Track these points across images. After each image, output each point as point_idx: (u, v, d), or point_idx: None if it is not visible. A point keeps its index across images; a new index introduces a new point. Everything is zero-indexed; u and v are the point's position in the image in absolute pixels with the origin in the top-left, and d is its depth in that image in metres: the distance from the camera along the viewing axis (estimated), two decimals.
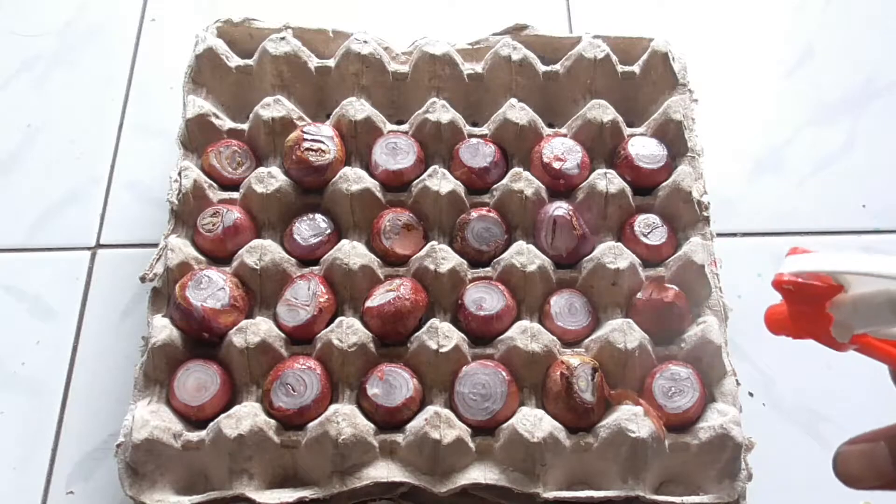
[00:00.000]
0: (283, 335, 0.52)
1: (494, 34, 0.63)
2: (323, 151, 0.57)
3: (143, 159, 0.64)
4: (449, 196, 0.56)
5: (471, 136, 0.60)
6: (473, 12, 0.72)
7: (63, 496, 0.52)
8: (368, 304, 0.52)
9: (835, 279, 0.28)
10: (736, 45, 0.71)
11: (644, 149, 0.58)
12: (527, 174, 0.57)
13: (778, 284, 0.29)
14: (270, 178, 0.56)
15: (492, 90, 0.62)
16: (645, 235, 0.56)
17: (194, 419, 0.50)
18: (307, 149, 0.57)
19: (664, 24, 0.71)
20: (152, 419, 0.48)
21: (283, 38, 0.61)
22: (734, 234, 0.61)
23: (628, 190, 0.57)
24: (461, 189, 0.57)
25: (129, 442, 0.48)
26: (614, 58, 0.61)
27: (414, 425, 0.49)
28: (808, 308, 0.29)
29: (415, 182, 0.57)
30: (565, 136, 0.60)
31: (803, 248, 0.29)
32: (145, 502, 0.47)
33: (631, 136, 0.60)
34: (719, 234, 0.57)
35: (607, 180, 0.56)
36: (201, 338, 0.52)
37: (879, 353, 0.29)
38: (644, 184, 0.58)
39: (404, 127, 0.60)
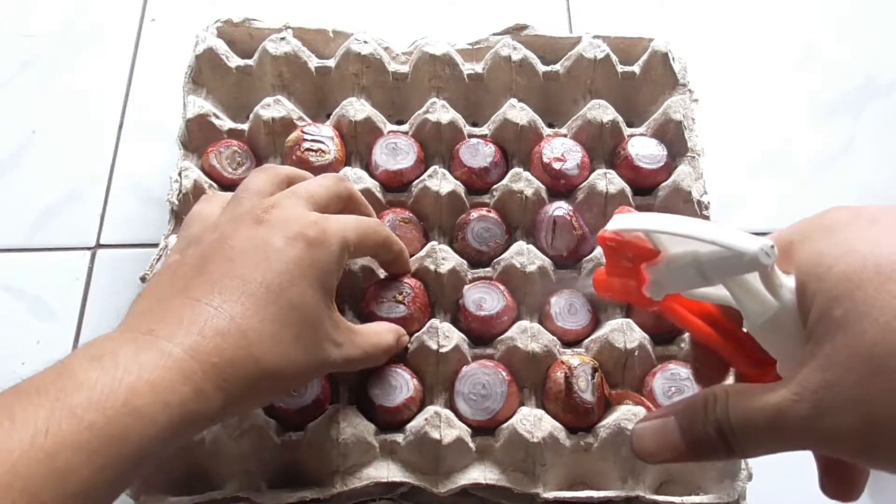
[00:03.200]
0: None
1: (494, 34, 0.63)
2: (323, 152, 0.57)
3: (143, 159, 0.64)
4: (449, 196, 0.56)
5: (471, 136, 0.60)
6: (473, 12, 0.72)
7: None
8: (375, 310, 0.52)
9: (652, 241, 0.29)
10: (736, 44, 0.71)
11: (644, 149, 0.58)
12: (527, 174, 0.57)
13: (601, 240, 0.30)
14: None
15: (492, 90, 0.62)
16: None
17: None
18: (307, 149, 0.57)
19: (664, 24, 0.71)
20: None
21: (283, 38, 0.61)
22: None
23: (628, 190, 0.57)
24: (461, 189, 0.57)
25: None
26: (614, 58, 0.61)
27: (414, 425, 0.49)
28: (626, 266, 0.30)
29: (415, 182, 0.57)
30: (565, 136, 0.60)
31: (629, 208, 0.31)
32: (145, 502, 0.47)
33: (631, 136, 0.60)
34: None
35: (607, 180, 0.56)
36: None
37: (679, 317, 0.31)
38: (644, 184, 0.58)
39: (404, 127, 0.60)
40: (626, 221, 0.30)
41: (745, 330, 0.28)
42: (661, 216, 0.29)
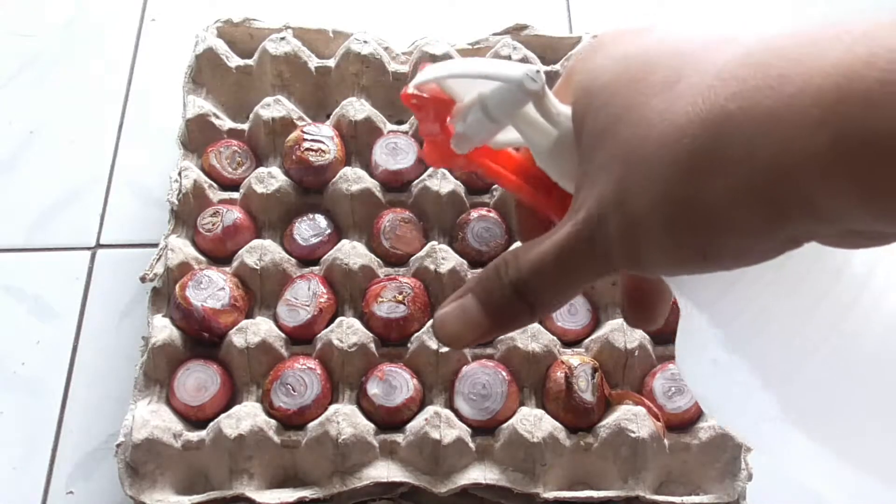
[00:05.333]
0: (283, 335, 0.52)
1: (494, 34, 0.63)
2: (323, 151, 0.57)
3: (143, 159, 0.64)
4: (449, 196, 0.56)
5: None
6: (473, 12, 0.72)
7: (63, 496, 0.52)
8: (375, 310, 0.52)
9: (448, 93, 0.28)
10: None
11: None
12: None
13: (405, 101, 0.29)
14: (270, 178, 0.56)
15: None
16: None
17: (194, 419, 0.50)
18: (307, 149, 0.57)
19: None
20: (152, 419, 0.48)
21: (283, 38, 0.61)
22: None
23: None
24: (461, 189, 0.57)
25: (129, 442, 0.48)
26: None
27: (414, 425, 0.49)
28: (434, 125, 0.29)
29: (415, 182, 0.57)
30: None
31: (427, 62, 0.30)
32: (145, 502, 0.47)
33: None
34: None
35: None
36: (201, 338, 0.52)
37: (487, 170, 0.29)
38: None
39: (404, 127, 0.60)
40: (419, 76, 0.28)
41: (538, 166, 0.28)
42: (449, 62, 0.28)
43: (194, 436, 0.49)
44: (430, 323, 0.52)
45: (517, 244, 0.50)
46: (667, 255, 0.21)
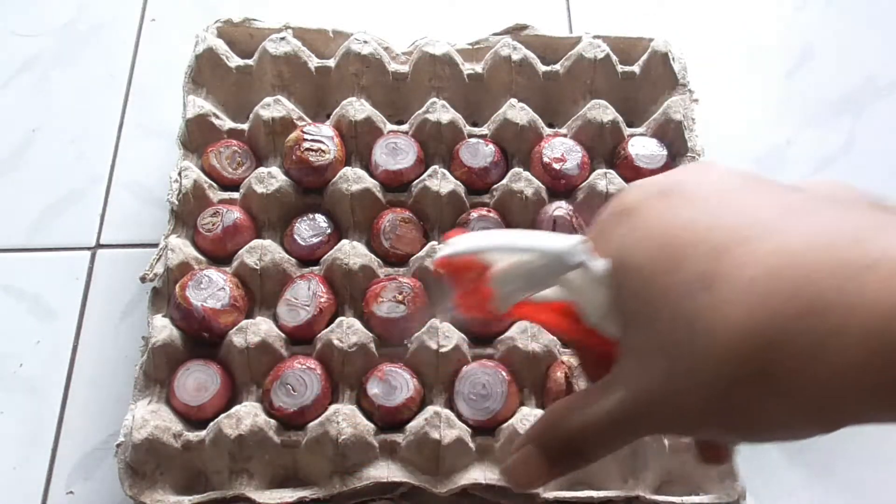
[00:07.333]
0: (283, 335, 0.52)
1: (494, 34, 0.63)
2: (323, 151, 0.57)
3: (143, 159, 0.64)
4: (449, 196, 0.56)
5: (471, 136, 0.60)
6: (473, 12, 0.72)
7: (63, 496, 0.52)
8: (376, 310, 0.52)
9: (482, 260, 0.30)
10: (736, 45, 0.71)
11: (644, 149, 0.58)
12: (527, 174, 0.57)
13: (435, 272, 0.31)
14: (270, 178, 0.56)
15: (492, 90, 0.62)
16: None
17: (194, 419, 0.50)
18: (307, 149, 0.57)
19: (664, 24, 0.71)
20: (152, 419, 0.48)
21: (283, 38, 0.61)
22: None
23: None
24: (461, 189, 0.57)
25: (129, 442, 0.48)
26: (614, 58, 0.61)
27: (414, 425, 0.49)
28: (469, 286, 0.31)
29: (415, 182, 0.57)
30: (565, 136, 0.60)
31: (458, 231, 0.30)
32: (145, 502, 0.47)
33: (631, 136, 0.60)
34: None
35: (607, 180, 0.56)
36: (201, 338, 0.52)
37: (535, 319, 0.32)
38: None
39: (404, 127, 0.60)
40: (450, 247, 0.30)
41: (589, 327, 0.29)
42: (483, 234, 0.30)
43: (194, 436, 0.49)
44: (429, 323, 0.52)
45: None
46: (719, 437, 0.26)
